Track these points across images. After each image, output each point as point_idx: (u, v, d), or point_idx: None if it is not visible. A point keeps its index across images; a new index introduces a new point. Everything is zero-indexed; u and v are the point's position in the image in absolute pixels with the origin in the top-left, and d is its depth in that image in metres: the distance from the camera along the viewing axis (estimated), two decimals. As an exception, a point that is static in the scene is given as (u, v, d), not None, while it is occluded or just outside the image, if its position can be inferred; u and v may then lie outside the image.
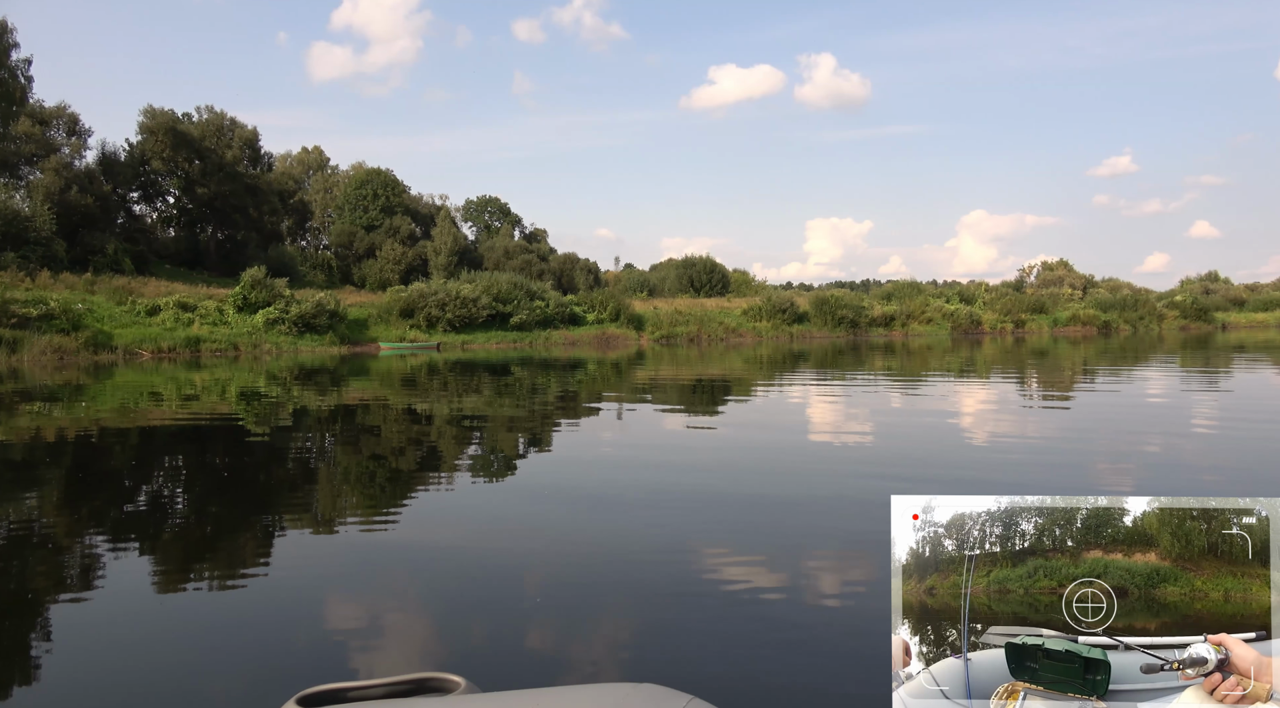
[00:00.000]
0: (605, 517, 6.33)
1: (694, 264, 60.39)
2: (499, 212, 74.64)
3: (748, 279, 64.87)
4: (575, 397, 16.76)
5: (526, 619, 4.03)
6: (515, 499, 7.15)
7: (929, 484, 7.16)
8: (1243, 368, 21.47)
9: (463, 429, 11.95)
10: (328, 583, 4.81)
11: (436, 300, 43.85)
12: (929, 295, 55.44)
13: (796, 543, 5.36)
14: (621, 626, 3.91)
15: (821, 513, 6.20)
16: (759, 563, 4.91)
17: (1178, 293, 61.05)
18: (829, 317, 49.41)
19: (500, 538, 5.76)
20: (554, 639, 3.75)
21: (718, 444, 10.03)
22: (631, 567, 4.92)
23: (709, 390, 17.98)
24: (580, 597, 4.36)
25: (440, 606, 4.42)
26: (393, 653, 3.66)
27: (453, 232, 56.95)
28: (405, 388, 19.57)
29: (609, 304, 47.52)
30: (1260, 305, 60.30)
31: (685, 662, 3.38)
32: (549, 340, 45.02)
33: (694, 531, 5.76)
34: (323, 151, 68.11)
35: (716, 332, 47.35)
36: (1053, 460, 8.18)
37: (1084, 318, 53.27)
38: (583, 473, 8.18)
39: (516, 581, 4.76)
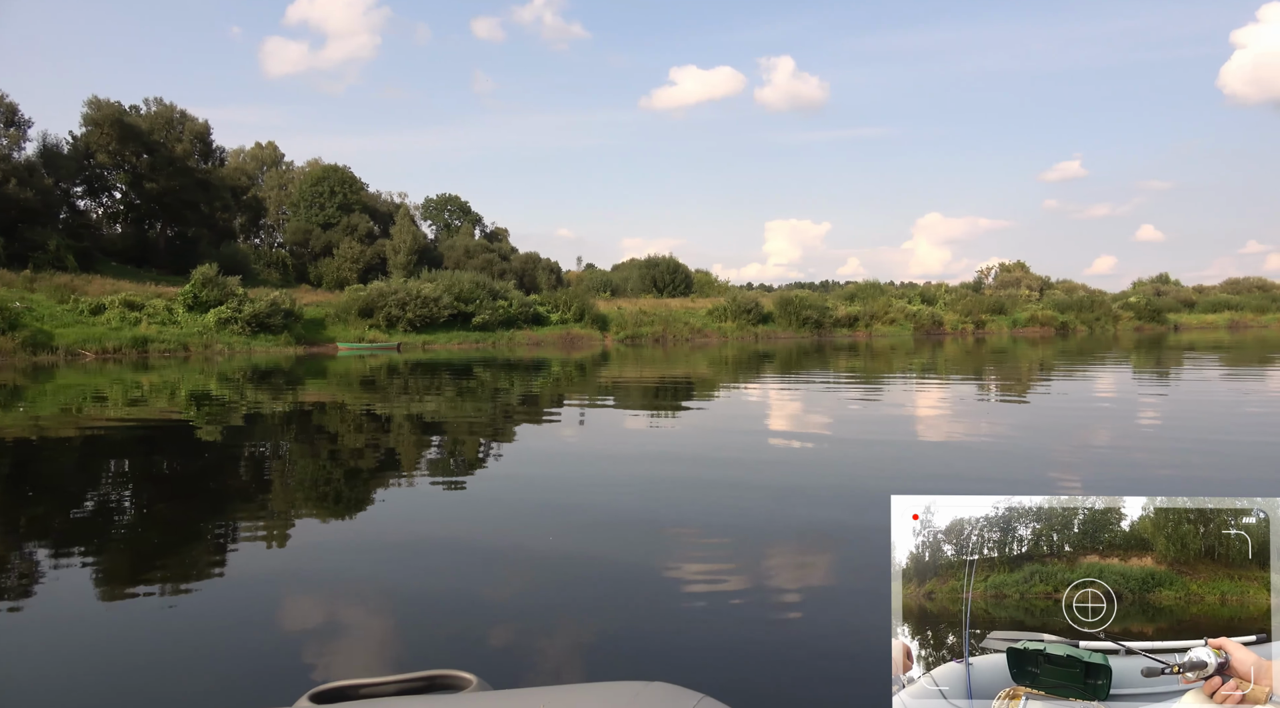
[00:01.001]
0: (598, 518, 6.06)
1: (657, 264, 60.10)
2: (459, 210, 73.51)
3: (710, 279, 64.82)
4: (546, 398, 16.26)
5: (531, 619, 3.94)
6: (505, 500, 6.67)
7: (930, 484, 6.86)
8: (1194, 368, 21.73)
9: (427, 431, 11.39)
10: (308, 585, 4.61)
11: (397, 300, 42.91)
12: (891, 296, 55.87)
13: (795, 543, 5.24)
14: (626, 625, 3.83)
15: (821, 514, 6.01)
16: (758, 562, 4.82)
17: (1131, 294, 62.36)
18: (794, 317, 49.46)
19: (493, 539, 5.54)
20: (558, 638, 3.68)
21: (712, 443, 9.64)
22: (629, 566, 4.82)
23: (682, 391, 17.60)
24: (579, 597, 4.26)
25: (442, 604, 4.26)
26: (402, 653, 3.59)
27: (412, 230, 55.91)
28: (365, 389, 18.87)
29: (573, 304, 46.99)
30: (1209, 307, 61.87)
31: (691, 662, 3.33)
32: (513, 341, 44.33)
33: (689, 529, 5.63)
34: (277, 147, 66.53)
35: (682, 332, 47.09)
36: (1015, 456, 7.98)
37: (1042, 319, 54.13)
38: (572, 473, 7.72)
39: (519, 580, 4.64)
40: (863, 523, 5.63)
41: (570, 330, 46.09)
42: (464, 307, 44.27)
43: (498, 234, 73.62)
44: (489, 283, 46.32)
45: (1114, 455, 8.51)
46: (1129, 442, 9.45)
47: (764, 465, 8.25)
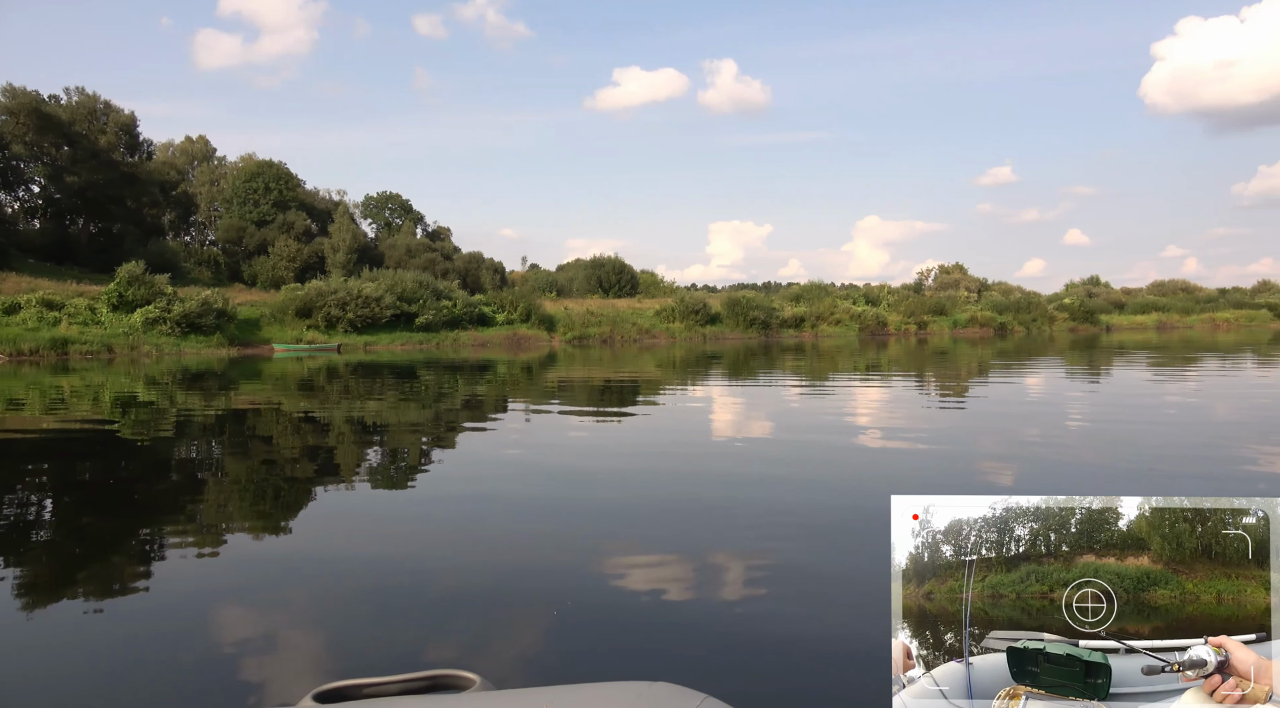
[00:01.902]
0: (589, 519, 5.87)
1: (603, 264, 59.70)
2: (400, 209, 71.95)
3: (656, 280, 64.62)
4: (492, 401, 15.68)
5: (530, 619, 3.88)
6: (491, 500, 6.18)
7: (930, 485, 6.59)
8: (1129, 366, 22.24)
9: (373, 435, 10.76)
10: (246, 598, 4.32)
11: (336, 299, 41.64)
12: (837, 297, 56.46)
13: (792, 542, 5.14)
14: (625, 626, 3.80)
15: (820, 515, 5.79)
16: (755, 561, 4.76)
17: (1065, 296, 64.23)
18: (741, 318, 49.56)
19: (487, 539, 5.34)
20: (559, 638, 3.64)
21: (697, 442, 9.26)
22: (624, 567, 4.73)
23: (644, 389, 17.21)
24: (577, 598, 4.15)
25: (440, 605, 4.15)
26: (409, 654, 3.51)
27: (351, 228, 54.44)
28: (304, 393, 18.01)
29: (519, 304, 46.28)
30: (1138, 308, 64.12)
31: (693, 661, 3.32)
32: (457, 341, 43.41)
33: (685, 527, 5.58)
34: (209, 142, 64.08)
35: (630, 333, 46.75)
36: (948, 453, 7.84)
37: (981, 320, 55.32)
38: (556, 475, 7.25)
39: (516, 579, 4.54)
40: (847, 522, 5.35)
41: (517, 331, 45.37)
42: (407, 307, 43.21)
43: (440, 233, 72.30)
44: (433, 283, 45.31)
45: (1042, 452, 8.40)
46: (1055, 438, 9.38)
47: (749, 463, 7.91)
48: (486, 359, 31.31)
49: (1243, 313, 62.73)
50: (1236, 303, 65.32)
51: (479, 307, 46.50)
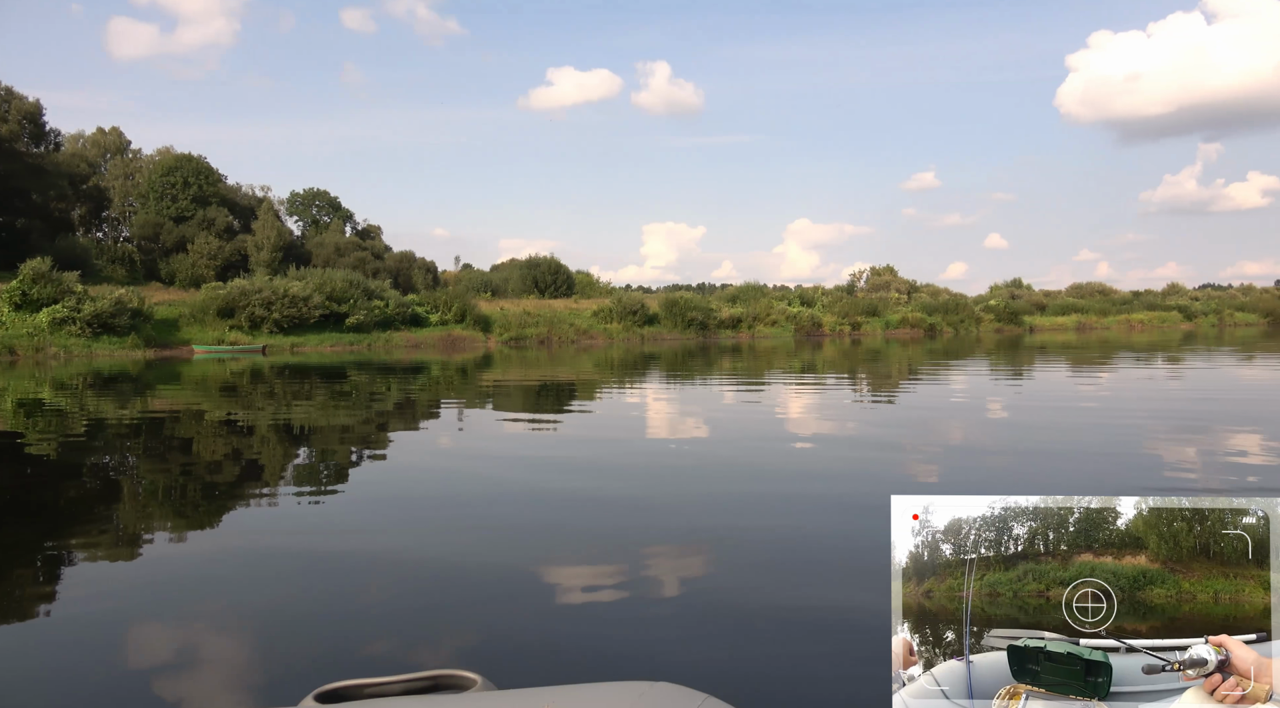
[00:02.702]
0: (580, 519, 5.59)
1: (538, 265, 58.99)
2: (328, 206, 69.80)
3: (592, 281, 64.18)
4: (427, 403, 15.09)
5: (531, 620, 3.82)
6: (471, 499, 5.72)
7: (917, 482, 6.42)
8: (1053, 366, 22.89)
9: (305, 440, 10.14)
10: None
11: (261, 299, 40.06)
12: (773, 299, 56.97)
13: (790, 542, 5.11)
14: (627, 625, 3.76)
15: (817, 514, 5.82)
16: (756, 562, 4.71)
17: (990, 298, 66.19)
18: (679, 319, 49.55)
19: (481, 539, 5.09)
20: (559, 639, 3.61)
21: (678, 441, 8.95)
22: (621, 566, 4.69)
23: (585, 393, 16.83)
24: (577, 599, 4.13)
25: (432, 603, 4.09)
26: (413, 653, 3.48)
27: (276, 225, 52.50)
28: (226, 396, 17.09)
29: (454, 304, 45.31)
30: (1058, 310, 66.49)
31: (694, 661, 3.31)
32: (390, 343, 42.24)
33: (681, 529, 5.51)
34: (122, 134, 60.95)
35: (567, 333, 46.25)
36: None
37: (912, 321, 56.55)
38: (533, 478, 6.84)
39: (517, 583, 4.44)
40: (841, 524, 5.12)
41: (452, 332, 44.41)
42: (336, 307, 41.85)
43: (370, 232, 70.42)
44: (363, 282, 44.00)
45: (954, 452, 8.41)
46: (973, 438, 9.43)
47: (742, 464, 7.65)
48: (421, 361, 30.47)
49: (1155, 314, 65.72)
50: (1150, 305, 68.41)
51: (412, 307, 45.35)
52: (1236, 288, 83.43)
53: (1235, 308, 70.29)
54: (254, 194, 61.24)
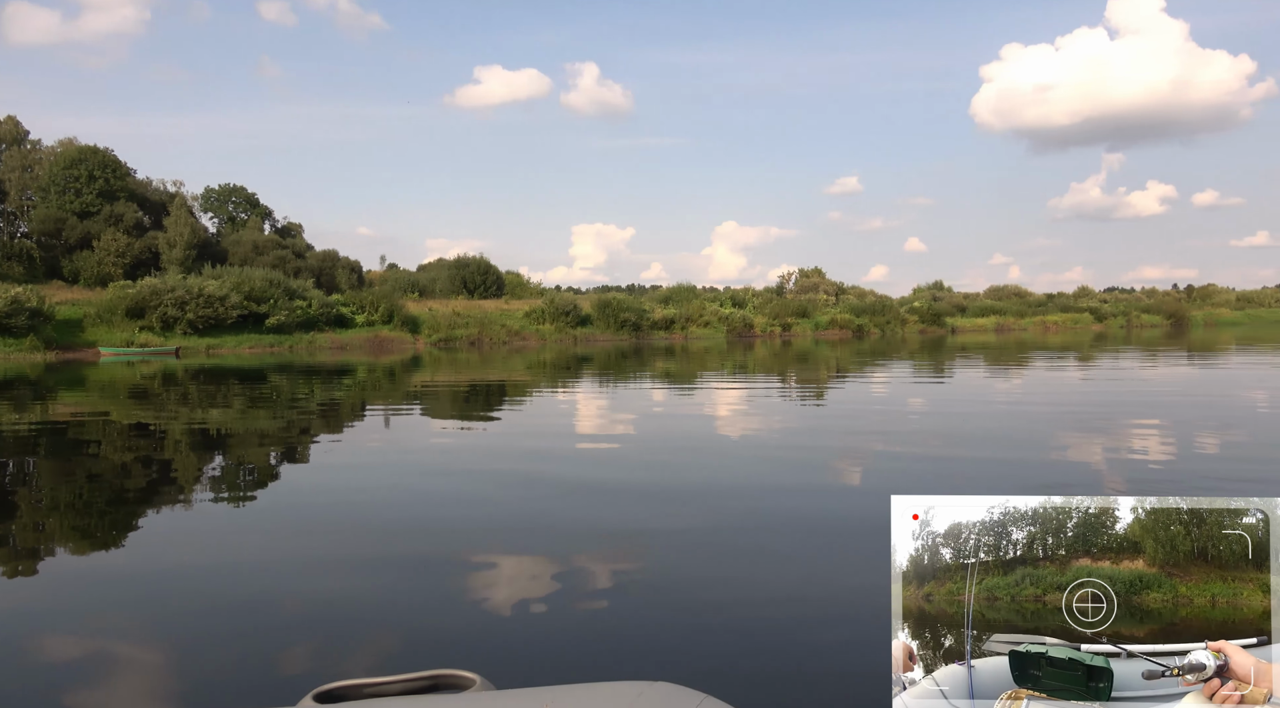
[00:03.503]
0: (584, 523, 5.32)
1: (467, 265, 57.87)
2: (245, 202, 67.06)
3: (522, 281, 63.24)
4: (352, 406, 14.42)
5: (530, 620, 3.79)
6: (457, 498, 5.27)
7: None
8: (977, 366, 23.50)
9: (219, 446, 9.46)
10: None
11: (174, 298, 38.19)
12: (705, 300, 57.19)
13: (785, 541, 5.07)
14: (626, 625, 3.74)
15: (816, 513, 5.78)
16: (753, 561, 4.67)
17: (914, 300, 67.91)
18: (612, 320, 49.25)
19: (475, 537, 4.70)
20: (559, 639, 3.57)
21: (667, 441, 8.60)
22: (621, 568, 4.65)
23: (532, 392, 16.37)
24: (577, 599, 4.08)
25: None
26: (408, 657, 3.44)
27: (190, 222, 50.17)
28: (135, 401, 16.04)
29: (381, 305, 44.06)
30: (978, 312, 68.68)
31: (693, 662, 3.29)
32: (313, 344, 40.78)
33: (675, 528, 5.44)
34: (19, 123, 57.32)
35: (499, 334, 45.48)
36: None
37: (840, 322, 57.56)
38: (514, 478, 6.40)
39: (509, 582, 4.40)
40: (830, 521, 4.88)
41: (379, 333, 43.17)
42: (256, 307, 40.19)
43: (291, 230, 67.98)
44: (285, 281, 42.38)
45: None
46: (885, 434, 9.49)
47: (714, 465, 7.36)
48: (346, 363, 29.43)
49: (1068, 316, 68.55)
50: (1063, 307, 71.34)
51: (337, 307, 43.91)
52: (1141, 291, 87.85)
53: (1141, 310, 73.86)
54: (165, 189, 58.35)
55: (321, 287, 49.25)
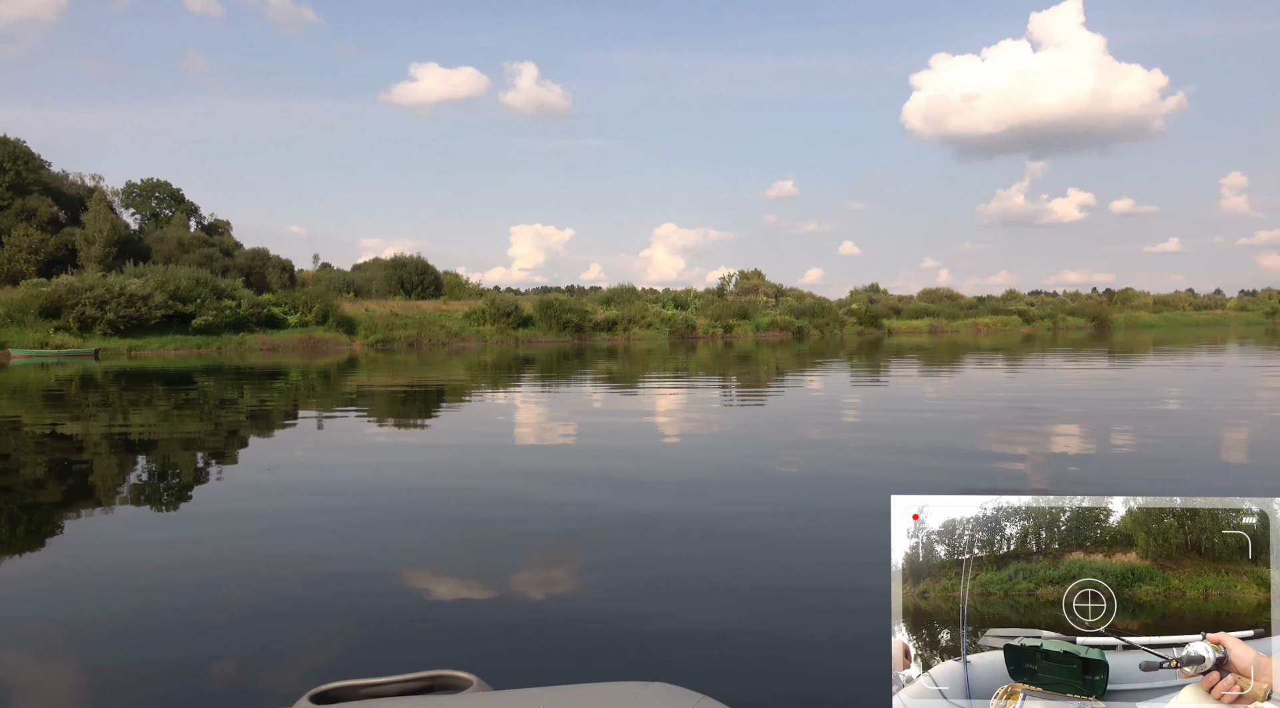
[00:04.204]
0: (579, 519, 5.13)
1: (404, 264, 56.73)
2: (170, 198, 64.48)
3: (461, 282, 62.25)
4: (289, 408, 13.80)
5: (529, 620, 3.77)
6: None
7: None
8: (918, 367, 23.93)
9: (141, 453, 8.86)
10: None
11: (93, 298, 36.41)
12: (647, 301, 57.15)
13: (780, 539, 5.01)
14: (623, 625, 3.70)
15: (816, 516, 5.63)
16: (749, 560, 4.63)
17: (851, 302, 69.11)
18: (554, 321, 48.83)
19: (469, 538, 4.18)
20: (557, 639, 3.53)
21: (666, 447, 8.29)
22: (622, 565, 4.63)
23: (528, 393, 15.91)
24: (576, 598, 4.09)
25: None
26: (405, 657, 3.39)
27: (110, 218, 48.02)
28: (49, 405, 15.09)
29: (314, 305, 42.79)
30: (912, 314, 70.24)
31: (689, 661, 3.27)
32: (243, 345, 39.35)
33: (671, 529, 5.43)
34: (-77, 111, 54.13)
35: (438, 336, 44.62)
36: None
37: (781, 324, 58.15)
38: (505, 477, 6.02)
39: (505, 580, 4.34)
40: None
41: (313, 334, 41.90)
42: (182, 307, 38.61)
43: (218, 227, 65.63)
44: (212, 280, 40.81)
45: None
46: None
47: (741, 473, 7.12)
48: (278, 365, 28.41)
49: (998, 318, 70.66)
50: (993, 309, 73.50)
51: (268, 307, 42.48)
52: (1065, 294, 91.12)
53: (1066, 312, 76.55)
54: (83, 183, 55.76)
55: (251, 286, 47.62)
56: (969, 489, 6.45)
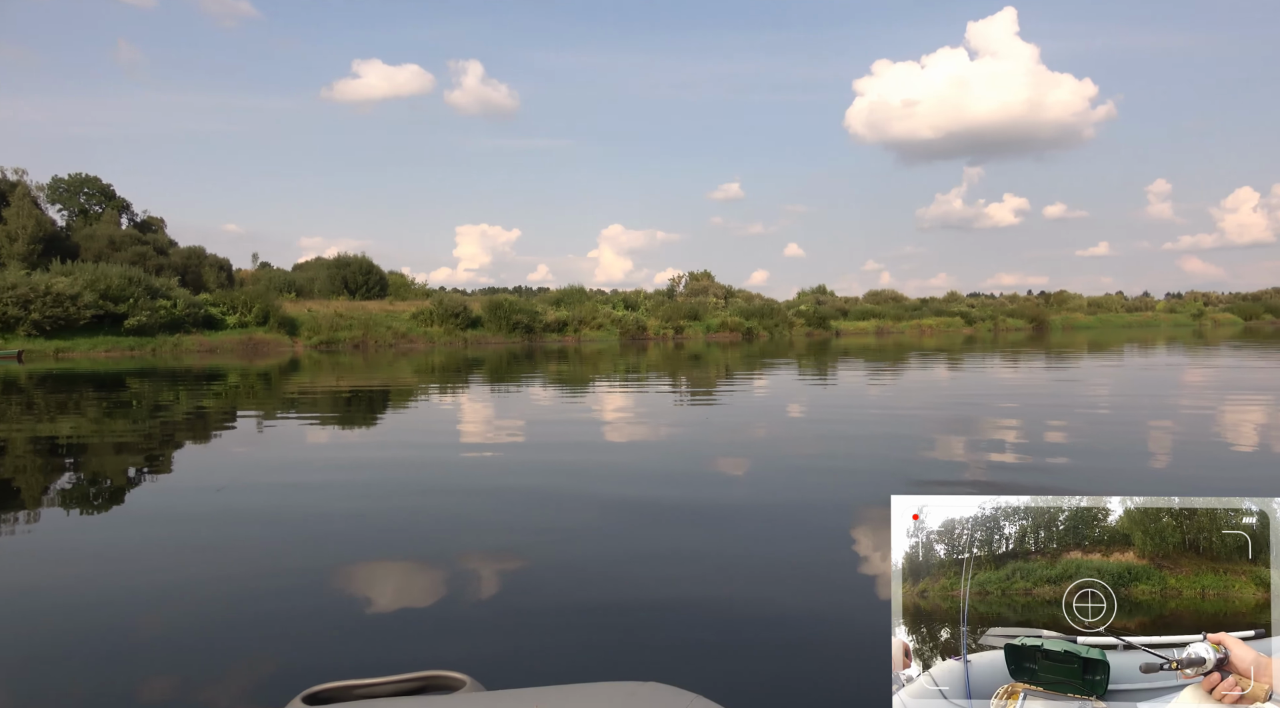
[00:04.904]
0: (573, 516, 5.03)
1: (348, 264, 55.49)
2: (100, 194, 62.01)
3: (407, 282, 61.16)
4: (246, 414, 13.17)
5: (522, 619, 3.68)
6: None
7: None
8: (867, 367, 24.16)
9: (67, 458, 8.27)
10: None
11: (16, 296, 34.72)
12: (597, 302, 56.84)
13: (777, 542, 4.90)
14: (617, 625, 3.61)
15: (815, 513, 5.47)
16: (743, 559, 4.55)
17: (800, 303, 69.84)
18: (503, 322, 48.22)
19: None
20: (550, 639, 3.46)
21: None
22: (614, 563, 4.57)
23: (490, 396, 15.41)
24: (569, 597, 3.98)
25: None
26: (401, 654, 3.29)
27: (35, 213, 45.96)
28: (-33, 410, 14.18)
29: (255, 305, 41.50)
30: (859, 315, 71.36)
31: (685, 662, 3.21)
32: (179, 347, 37.91)
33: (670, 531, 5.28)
34: None
35: (385, 337, 43.65)
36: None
37: (731, 325, 58.39)
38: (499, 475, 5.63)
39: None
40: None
41: (253, 335, 40.61)
42: (113, 307, 37.05)
43: (151, 224, 63.31)
44: (146, 279, 39.26)
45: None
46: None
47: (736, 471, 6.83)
48: (216, 367, 27.38)
49: (942, 319, 72.19)
50: (937, 311, 75.07)
51: (205, 307, 41.05)
52: (1003, 296, 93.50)
53: (1006, 314, 78.53)
54: (5, 177, 53.19)
55: (187, 285, 46.00)
56: (969, 484, 6.46)
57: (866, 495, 6.12)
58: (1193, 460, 7.62)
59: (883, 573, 4.07)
